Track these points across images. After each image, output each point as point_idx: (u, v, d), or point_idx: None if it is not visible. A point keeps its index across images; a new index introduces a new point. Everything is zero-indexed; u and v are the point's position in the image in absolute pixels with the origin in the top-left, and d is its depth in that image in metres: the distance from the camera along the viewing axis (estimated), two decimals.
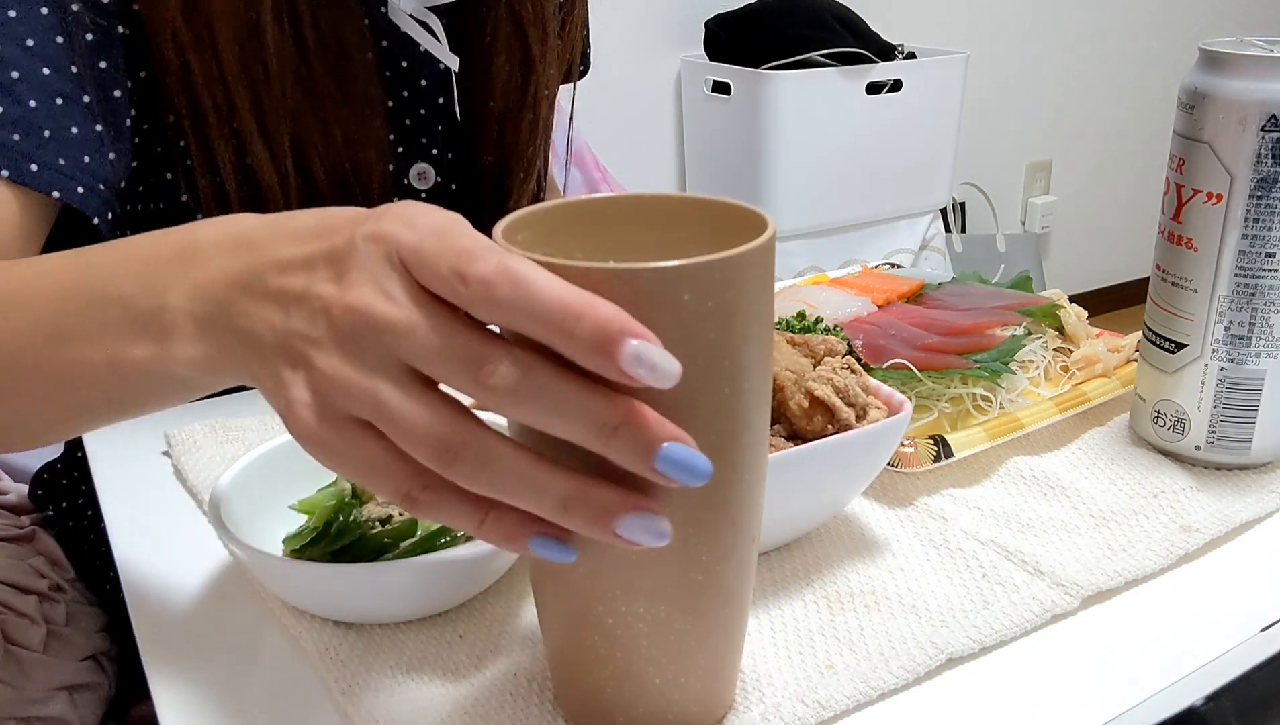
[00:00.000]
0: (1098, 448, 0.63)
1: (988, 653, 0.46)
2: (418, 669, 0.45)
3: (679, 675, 0.39)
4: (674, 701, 0.39)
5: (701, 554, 0.37)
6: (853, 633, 0.47)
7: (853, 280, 0.80)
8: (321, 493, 0.53)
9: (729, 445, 0.36)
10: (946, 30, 2.50)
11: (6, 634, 0.73)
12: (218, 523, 0.47)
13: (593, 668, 0.39)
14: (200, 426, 0.66)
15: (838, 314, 0.72)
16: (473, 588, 0.48)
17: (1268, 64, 0.53)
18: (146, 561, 0.54)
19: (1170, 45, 2.88)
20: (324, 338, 0.34)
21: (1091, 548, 0.52)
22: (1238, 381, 0.57)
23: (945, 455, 0.58)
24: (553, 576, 0.39)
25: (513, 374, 0.32)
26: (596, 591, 0.37)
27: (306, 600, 0.47)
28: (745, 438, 0.36)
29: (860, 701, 0.43)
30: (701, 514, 0.36)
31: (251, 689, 0.45)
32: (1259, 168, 0.53)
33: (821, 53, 2.01)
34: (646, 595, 0.37)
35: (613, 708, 0.40)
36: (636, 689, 0.39)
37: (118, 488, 0.61)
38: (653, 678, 0.39)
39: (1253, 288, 0.55)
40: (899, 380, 0.62)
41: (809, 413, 0.50)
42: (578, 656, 0.39)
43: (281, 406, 0.35)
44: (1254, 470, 0.59)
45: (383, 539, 0.49)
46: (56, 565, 0.81)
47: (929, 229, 2.28)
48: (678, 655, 0.39)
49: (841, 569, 0.52)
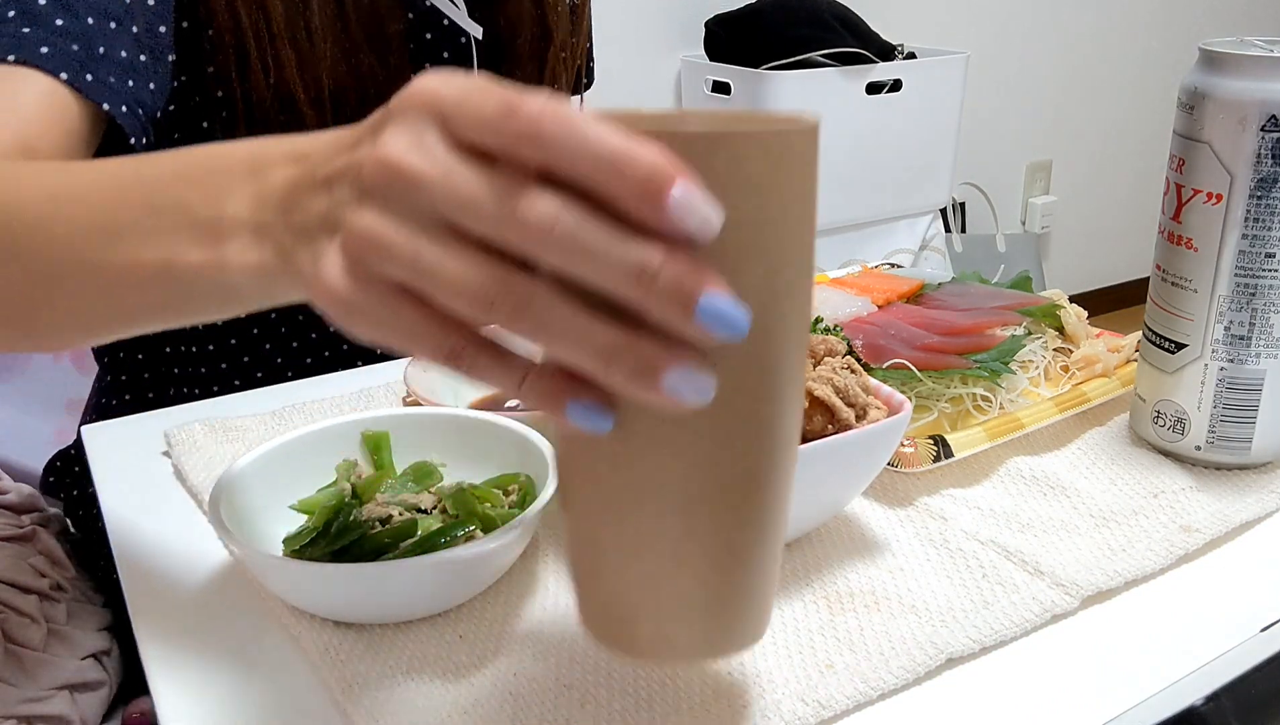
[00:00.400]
0: (1098, 448, 0.63)
1: (988, 653, 0.46)
2: (418, 669, 0.45)
3: (711, 585, 0.37)
4: (703, 615, 0.37)
5: (737, 444, 0.35)
6: (853, 633, 0.47)
7: (853, 280, 0.81)
8: (321, 493, 0.53)
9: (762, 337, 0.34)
10: (946, 30, 2.50)
11: (7, 633, 0.73)
12: (218, 523, 0.47)
13: (621, 570, 0.37)
14: (200, 426, 0.66)
15: (838, 314, 0.72)
16: (473, 588, 0.48)
17: (1268, 64, 0.53)
18: (146, 561, 0.54)
19: (1170, 45, 2.88)
20: (356, 199, 0.34)
21: (1091, 548, 0.52)
22: (1238, 381, 0.57)
23: (945, 455, 0.58)
24: (585, 469, 0.37)
25: (552, 209, 0.31)
26: (630, 482, 0.35)
27: (306, 600, 0.47)
28: (780, 331, 0.35)
29: (860, 701, 0.43)
30: (736, 402, 0.34)
31: (251, 689, 0.45)
32: (1259, 168, 0.53)
33: (821, 53, 2.01)
34: (682, 488, 0.35)
35: (637, 615, 0.37)
36: (664, 597, 0.37)
37: (118, 488, 0.61)
38: (683, 585, 0.36)
39: (1253, 288, 0.55)
40: (899, 380, 0.62)
41: (809, 413, 0.50)
42: (605, 559, 0.37)
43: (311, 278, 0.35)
44: (1254, 470, 0.59)
45: (383, 539, 0.49)
46: (57, 564, 0.81)
47: (929, 229, 2.28)
48: (711, 561, 0.36)
49: (841, 569, 0.52)
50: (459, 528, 0.49)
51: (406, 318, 0.34)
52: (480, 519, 0.50)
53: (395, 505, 0.52)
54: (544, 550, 0.53)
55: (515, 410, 0.67)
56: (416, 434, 0.56)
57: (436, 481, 0.54)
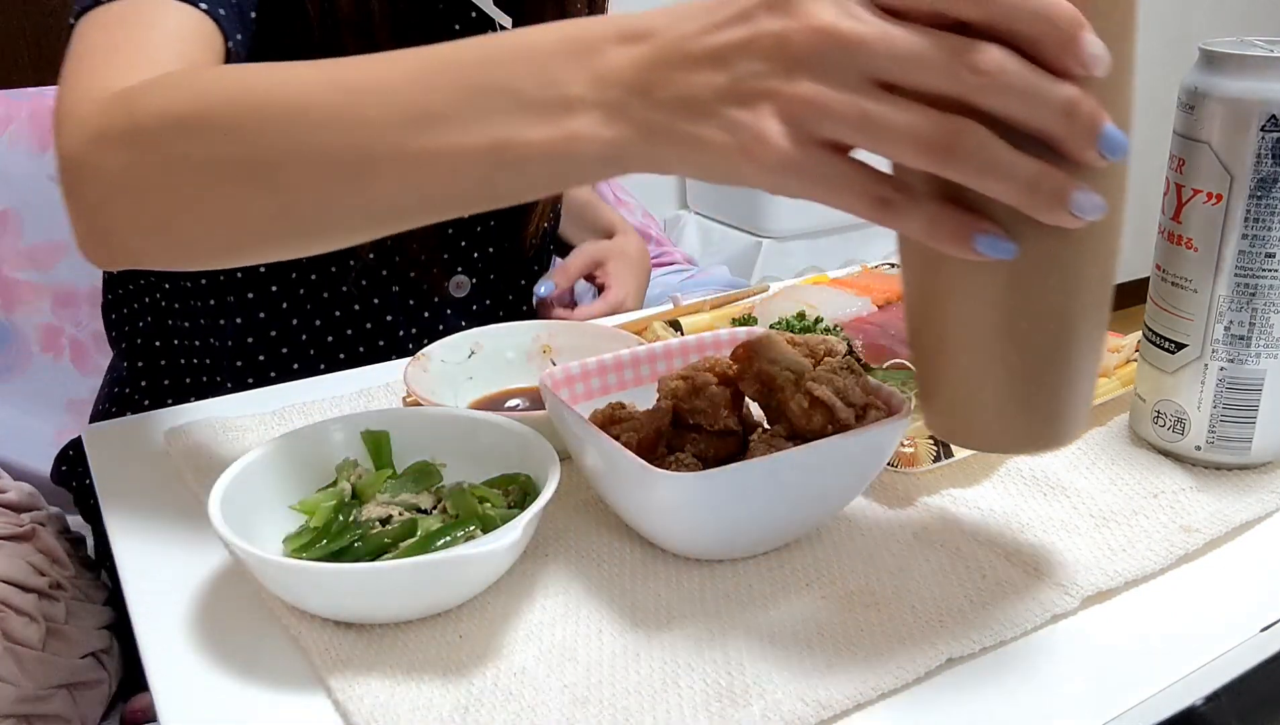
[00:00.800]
0: (1098, 448, 0.63)
1: (988, 653, 0.46)
2: (418, 669, 0.45)
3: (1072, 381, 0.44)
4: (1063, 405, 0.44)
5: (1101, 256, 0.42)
6: (852, 633, 0.47)
7: (853, 280, 0.81)
8: (321, 493, 0.53)
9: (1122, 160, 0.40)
10: None
11: (6, 631, 0.73)
12: (218, 523, 0.47)
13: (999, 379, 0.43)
14: (200, 426, 0.66)
15: (838, 314, 0.72)
16: (473, 588, 0.48)
17: (1268, 64, 0.53)
18: (146, 561, 0.54)
19: (1170, 45, 2.88)
20: (788, 67, 0.37)
21: (1091, 548, 0.52)
22: (1238, 381, 0.57)
23: (945, 455, 0.58)
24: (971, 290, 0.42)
25: (999, 57, 0.36)
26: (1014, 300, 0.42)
27: (306, 600, 0.47)
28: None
29: (860, 701, 0.43)
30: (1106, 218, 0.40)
31: (251, 689, 0.45)
32: (1259, 168, 0.53)
33: None
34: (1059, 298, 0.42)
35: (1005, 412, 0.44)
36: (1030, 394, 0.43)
37: (118, 488, 0.61)
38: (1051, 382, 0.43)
39: (1253, 288, 0.55)
40: (899, 380, 0.62)
41: (809, 413, 0.50)
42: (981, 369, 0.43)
43: (742, 146, 0.38)
44: (1254, 470, 0.59)
45: (383, 539, 0.49)
46: (56, 562, 0.81)
47: None
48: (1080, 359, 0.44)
49: (841, 569, 0.52)
50: (459, 528, 0.49)
51: (842, 171, 0.38)
52: (480, 519, 0.50)
53: (395, 505, 0.52)
54: (544, 550, 0.53)
55: (515, 410, 0.67)
56: (416, 434, 0.56)
57: (436, 481, 0.54)
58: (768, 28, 0.38)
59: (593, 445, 0.50)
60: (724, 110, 0.39)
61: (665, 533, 0.51)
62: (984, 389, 0.44)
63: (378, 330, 0.87)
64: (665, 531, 0.51)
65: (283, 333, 0.85)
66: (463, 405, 0.66)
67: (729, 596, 0.50)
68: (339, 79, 0.45)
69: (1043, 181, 0.37)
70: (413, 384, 0.63)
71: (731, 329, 0.63)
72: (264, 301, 0.83)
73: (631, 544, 0.54)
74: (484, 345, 0.69)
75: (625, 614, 0.48)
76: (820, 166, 0.38)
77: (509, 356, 0.70)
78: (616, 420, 0.52)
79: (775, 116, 0.38)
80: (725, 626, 0.47)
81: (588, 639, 0.47)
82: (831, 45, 0.37)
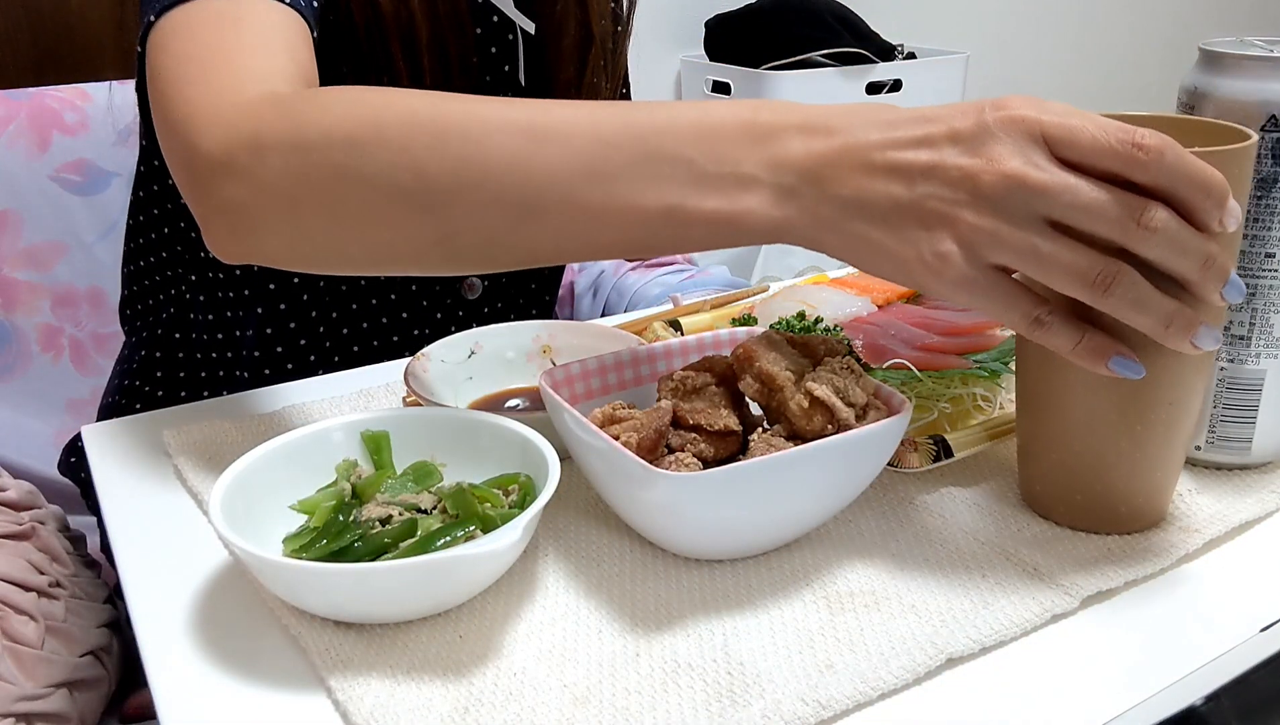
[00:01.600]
0: None
1: (988, 653, 0.46)
2: (418, 669, 0.45)
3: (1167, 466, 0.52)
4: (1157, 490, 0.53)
5: (1204, 370, 0.51)
6: (853, 633, 0.47)
7: (853, 280, 0.80)
8: (321, 493, 0.53)
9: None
10: (946, 30, 2.50)
11: (6, 630, 0.73)
12: (218, 523, 0.47)
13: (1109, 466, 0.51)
14: (200, 426, 0.66)
15: (838, 314, 0.72)
16: (473, 588, 0.48)
17: (1268, 64, 0.53)
18: (146, 561, 0.54)
19: (1170, 45, 2.88)
20: (974, 200, 0.43)
21: (1091, 548, 0.52)
22: (1238, 381, 0.57)
23: (945, 455, 0.58)
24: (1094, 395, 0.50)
25: (1164, 216, 0.43)
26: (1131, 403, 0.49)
27: (306, 600, 0.47)
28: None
29: (860, 701, 0.43)
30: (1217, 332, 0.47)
31: (251, 688, 0.45)
32: (1259, 168, 0.53)
33: (821, 53, 2.01)
34: (1170, 401, 0.50)
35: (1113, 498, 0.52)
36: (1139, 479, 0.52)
37: (118, 488, 0.61)
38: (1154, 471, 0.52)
39: (1253, 288, 0.55)
40: (899, 380, 0.62)
41: (809, 413, 0.50)
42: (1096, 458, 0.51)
43: (922, 260, 0.44)
44: (1254, 470, 0.59)
45: (383, 539, 0.49)
46: (56, 561, 0.81)
47: None
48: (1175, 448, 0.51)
49: (841, 569, 0.52)
50: (459, 528, 0.49)
51: (1009, 291, 0.45)
52: (480, 519, 0.50)
53: (395, 505, 0.52)
54: (544, 550, 0.53)
55: (515, 410, 0.67)
56: (416, 434, 0.56)
57: (436, 481, 0.54)
58: (955, 161, 0.44)
59: (593, 445, 0.50)
60: (900, 222, 0.44)
61: (665, 533, 0.51)
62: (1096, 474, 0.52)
63: (391, 328, 0.87)
64: (665, 531, 0.51)
65: (301, 327, 0.85)
66: (463, 405, 0.66)
67: (729, 596, 0.50)
68: (518, 121, 0.47)
69: (1176, 318, 0.44)
70: (413, 384, 0.63)
71: (731, 329, 0.63)
72: (286, 295, 0.84)
73: (631, 544, 0.54)
74: (484, 345, 0.69)
75: (625, 614, 0.48)
76: (993, 287, 0.44)
77: (509, 356, 0.70)
78: (616, 420, 0.52)
79: (952, 239, 0.44)
80: (725, 626, 0.47)
81: (588, 639, 0.47)
82: (1017, 188, 0.43)
